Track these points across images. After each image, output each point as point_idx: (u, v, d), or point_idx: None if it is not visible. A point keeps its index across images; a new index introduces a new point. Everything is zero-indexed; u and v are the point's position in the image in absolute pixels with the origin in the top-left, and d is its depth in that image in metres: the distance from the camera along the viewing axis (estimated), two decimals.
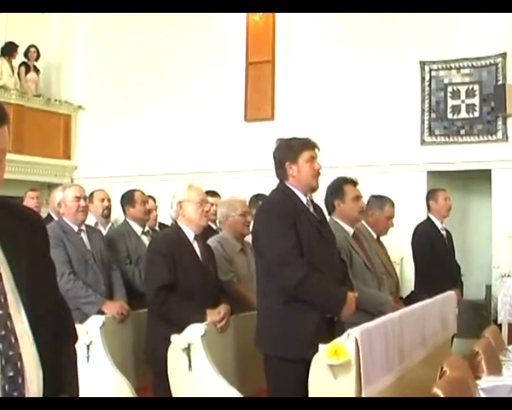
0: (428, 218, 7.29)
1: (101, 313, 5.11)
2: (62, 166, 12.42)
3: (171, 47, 11.51)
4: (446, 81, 9.90)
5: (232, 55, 11.12)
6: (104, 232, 6.37)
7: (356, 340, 3.55)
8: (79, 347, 4.51)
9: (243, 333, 4.61)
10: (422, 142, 9.96)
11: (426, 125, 9.96)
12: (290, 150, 4.29)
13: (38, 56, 12.21)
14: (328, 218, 4.93)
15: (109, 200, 6.95)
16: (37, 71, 12.26)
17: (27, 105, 11.81)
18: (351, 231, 5.27)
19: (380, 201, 5.95)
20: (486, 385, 3.99)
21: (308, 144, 4.34)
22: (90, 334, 4.81)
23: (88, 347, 4.80)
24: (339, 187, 5.29)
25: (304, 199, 4.30)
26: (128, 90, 11.90)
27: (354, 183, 5.31)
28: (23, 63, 12.11)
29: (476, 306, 9.30)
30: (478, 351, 4.56)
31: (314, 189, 4.36)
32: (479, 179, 9.74)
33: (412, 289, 7.25)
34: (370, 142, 10.10)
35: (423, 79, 10.00)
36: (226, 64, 11.15)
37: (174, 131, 11.52)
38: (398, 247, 8.60)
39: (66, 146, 12.60)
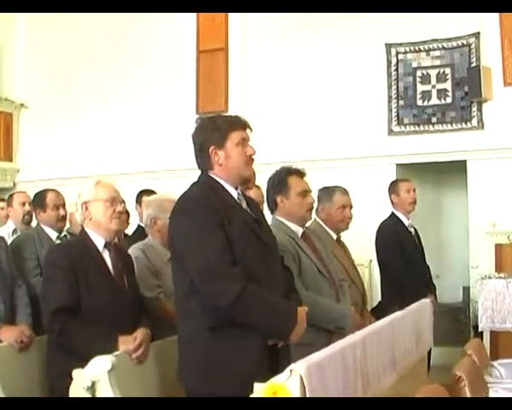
0: (393, 214, 6.44)
1: None
2: (3, 169, 11.60)
3: (116, 37, 10.82)
4: (415, 65, 9.22)
5: (182, 43, 10.40)
6: None
7: (301, 378, 2.65)
8: None
9: (169, 363, 3.67)
10: (390, 132, 9.23)
11: (394, 114, 9.24)
12: (215, 131, 3.39)
13: None
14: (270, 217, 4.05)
15: (31, 204, 6.00)
16: None
17: None
18: (299, 231, 4.37)
19: (327, 192, 5.06)
20: None
21: (238, 123, 3.45)
22: None
23: None
24: (282, 180, 4.40)
25: (234, 193, 3.42)
26: (73, 85, 11.24)
27: (301, 174, 4.42)
28: None
29: (453, 310, 8.67)
30: (460, 376, 3.78)
31: (247, 179, 3.49)
32: (453, 171, 9.15)
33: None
34: (333, 133, 9.38)
35: (390, 63, 9.28)
36: (176, 53, 10.45)
37: (123, 127, 10.85)
38: (366, 247, 7.95)
39: (7, 147, 11.79)
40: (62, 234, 5.34)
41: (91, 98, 11.00)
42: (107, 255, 3.88)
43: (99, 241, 3.88)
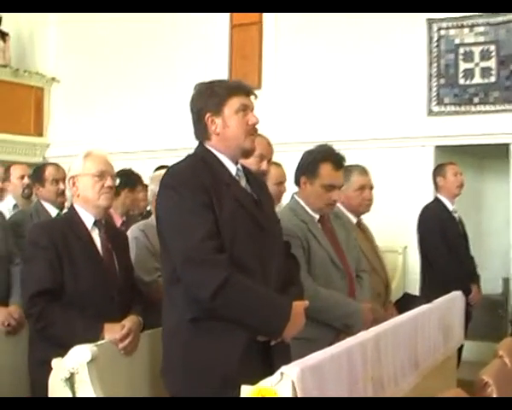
0: (437, 198, 6.17)
1: None
2: (33, 143, 11.31)
3: (150, 14, 10.32)
4: (457, 41, 8.57)
5: (214, 17, 9.85)
6: None
7: (292, 383, 2.28)
8: None
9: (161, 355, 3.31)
10: (430, 112, 8.62)
11: (434, 93, 8.63)
12: (212, 97, 3.03)
13: None
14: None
15: (30, 176, 5.69)
16: (3, 38, 11.08)
17: None
18: (316, 216, 3.95)
19: (345, 172, 4.41)
20: None
21: (238, 88, 3.09)
22: None
23: None
24: (313, 162, 3.97)
25: (232, 168, 3.05)
26: (107, 61, 10.86)
27: (338, 165, 3.97)
28: None
29: (491, 302, 8.16)
30: (487, 381, 3.31)
31: (247, 152, 3.09)
32: (495, 156, 8.55)
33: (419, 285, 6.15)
34: (368, 113, 8.81)
35: (431, 39, 8.64)
36: (208, 27, 9.97)
37: (155, 104, 10.41)
38: (401, 233, 7.66)
39: (38, 122, 11.49)
40: (64, 211, 5.01)
41: (125, 74, 10.66)
42: (96, 234, 3.55)
43: (88, 219, 3.54)
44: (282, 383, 2.28)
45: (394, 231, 7.50)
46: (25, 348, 3.61)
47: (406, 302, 4.57)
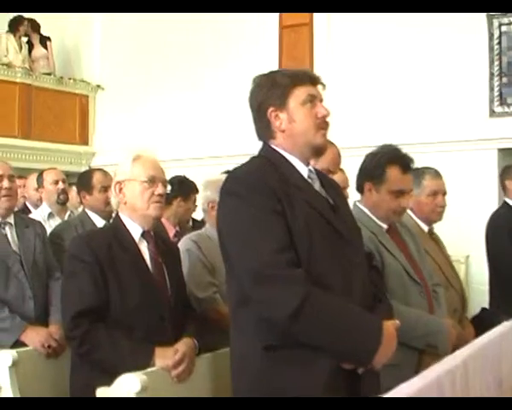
0: (506, 203, 5.75)
1: (20, 343, 3.54)
2: (78, 152, 11.12)
3: (196, 15, 10.02)
4: None
5: (264, 18, 9.51)
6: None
7: None
8: None
9: (221, 382, 2.95)
10: (492, 113, 8.15)
11: (496, 93, 8.15)
12: (274, 88, 2.63)
13: (38, 28, 10.91)
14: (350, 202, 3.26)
15: (65, 181, 5.37)
16: (44, 44, 10.95)
17: (35, 84, 10.60)
18: (384, 226, 3.56)
19: (415, 175, 3.94)
20: None
21: (303, 76, 2.69)
22: None
23: None
24: (379, 166, 3.53)
25: (303, 169, 2.65)
26: (152, 67, 10.59)
27: (406, 168, 3.54)
28: (28, 41, 10.90)
29: None
30: None
31: (319, 149, 2.67)
32: None
33: (487, 299, 5.60)
34: (427, 115, 8.35)
35: (491, 36, 8.18)
36: (257, 28, 9.61)
37: (203, 109, 10.11)
38: (463, 241, 7.19)
39: (83, 130, 11.32)
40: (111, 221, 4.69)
41: (167, 79, 10.40)
42: (144, 247, 3.19)
43: (135, 229, 3.19)
44: None
45: (456, 240, 7.06)
46: (67, 372, 3.27)
47: (484, 319, 4.15)
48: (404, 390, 2.09)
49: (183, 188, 5.12)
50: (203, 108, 10.09)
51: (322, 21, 9.26)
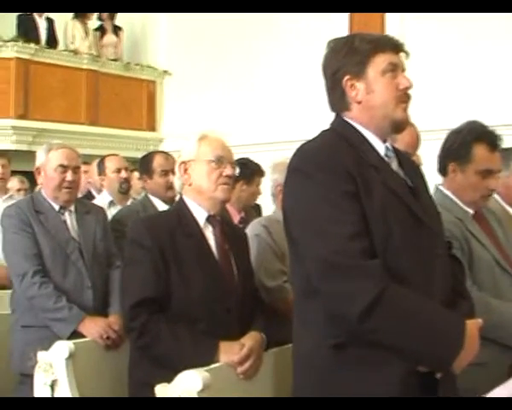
0: None
1: (77, 334, 3.37)
2: (145, 138, 11.04)
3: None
4: None
5: (334, 18, 9.19)
6: None
7: None
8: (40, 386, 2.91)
9: (288, 380, 2.69)
10: None
11: None
12: (352, 54, 2.33)
13: (113, 16, 10.86)
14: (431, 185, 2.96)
15: (127, 169, 5.18)
16: (116, 33, 10.91)
17: (102, 70, 10.56)
18: (470, 211, 3.25)
19: (504, 156, 3.53)
20: None
21: (385, 43, 2.36)
22: (55, 368, 3.01)
23: (52, 387, 3.00)
24: (464, 144, 3.23)
25: (380, 146, 2.35)
26: (220, 52, 10.43)
27: (494, 145, 3.23)
28: (100, 26, 10.89)
29: None
30: None
31: (398, 124, 2.37)
32: None
33: None
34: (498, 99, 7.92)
35: None
36: (327, 14, 9.18)
37: (272, 94, 9.89)
38: None
39: (151, 116, 11.25)
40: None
41: (239, 65, 10.22)
42: (210, 232, 2.95)
43: (200, 213, 2.95)
44: None
45: None
46: (126, 366, 3.06)
47: None
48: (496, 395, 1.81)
49: (246, 170, 4.85)
50: (271, 93, 9.88)
51: (395, 21, 8.86)
